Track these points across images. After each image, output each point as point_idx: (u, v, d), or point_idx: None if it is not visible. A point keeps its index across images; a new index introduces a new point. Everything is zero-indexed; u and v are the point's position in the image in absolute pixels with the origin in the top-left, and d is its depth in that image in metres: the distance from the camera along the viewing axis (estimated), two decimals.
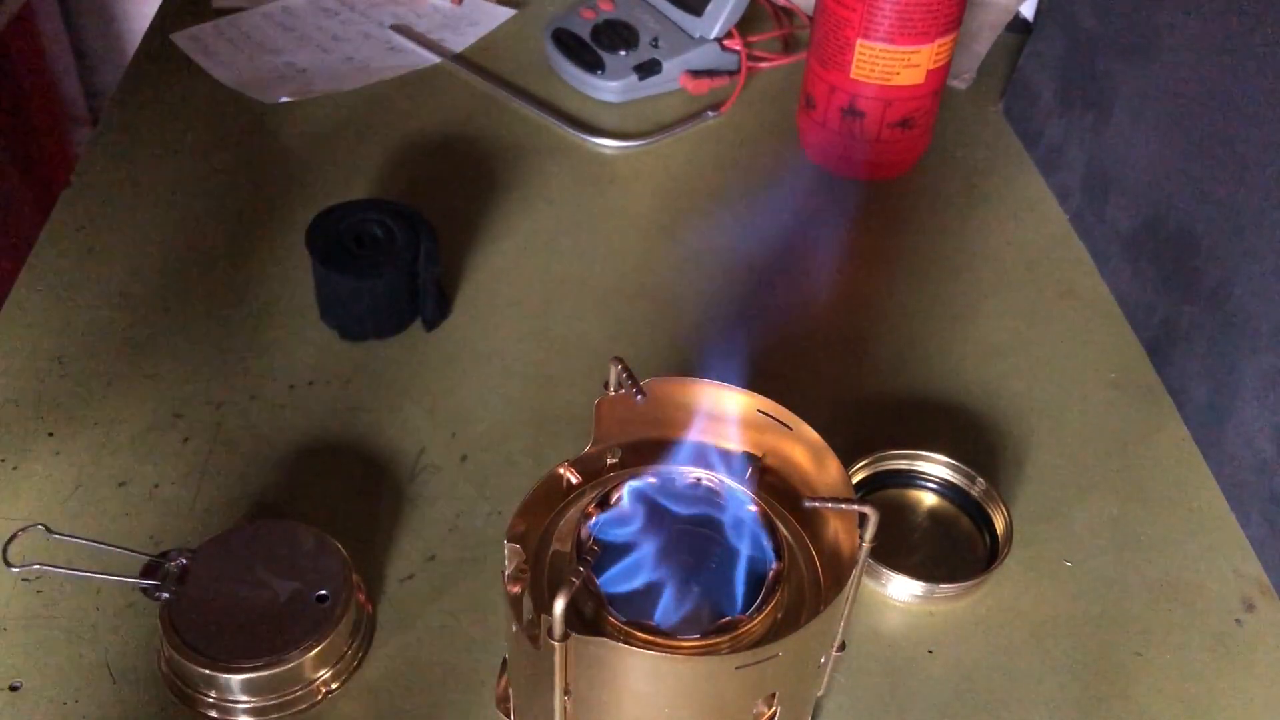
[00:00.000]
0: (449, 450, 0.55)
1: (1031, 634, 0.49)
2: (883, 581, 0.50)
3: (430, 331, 0.61)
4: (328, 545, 0.46)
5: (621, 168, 0.75)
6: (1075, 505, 0.54)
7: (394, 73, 0.82)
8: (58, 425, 0.54)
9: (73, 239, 0.65)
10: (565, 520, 0.39)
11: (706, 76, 0.81)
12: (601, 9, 0.83)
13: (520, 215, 0.70)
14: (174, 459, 0.53)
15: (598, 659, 0.33)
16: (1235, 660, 0.49)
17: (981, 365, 0.62)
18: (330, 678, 0.45)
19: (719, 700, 0.34)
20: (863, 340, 0.63)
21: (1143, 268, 0.64)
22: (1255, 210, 0.55)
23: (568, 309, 0.64)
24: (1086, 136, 0.71)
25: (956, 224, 0.72)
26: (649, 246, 0.68)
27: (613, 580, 0.35)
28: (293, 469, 0.53)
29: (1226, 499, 0.55)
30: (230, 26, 0.86)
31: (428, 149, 0.75)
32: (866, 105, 0.71)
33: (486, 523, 0.52)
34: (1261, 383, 0.53)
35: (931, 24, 0.67)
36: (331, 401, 0.57)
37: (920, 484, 0.54)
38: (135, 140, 0.74)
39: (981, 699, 0.47)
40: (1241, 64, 0.57)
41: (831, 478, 0.38)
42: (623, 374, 0.38)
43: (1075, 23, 0.73)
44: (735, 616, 0.35)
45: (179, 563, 0.45)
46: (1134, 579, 0.51)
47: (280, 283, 0.63)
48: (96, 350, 0.58)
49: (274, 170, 0.72)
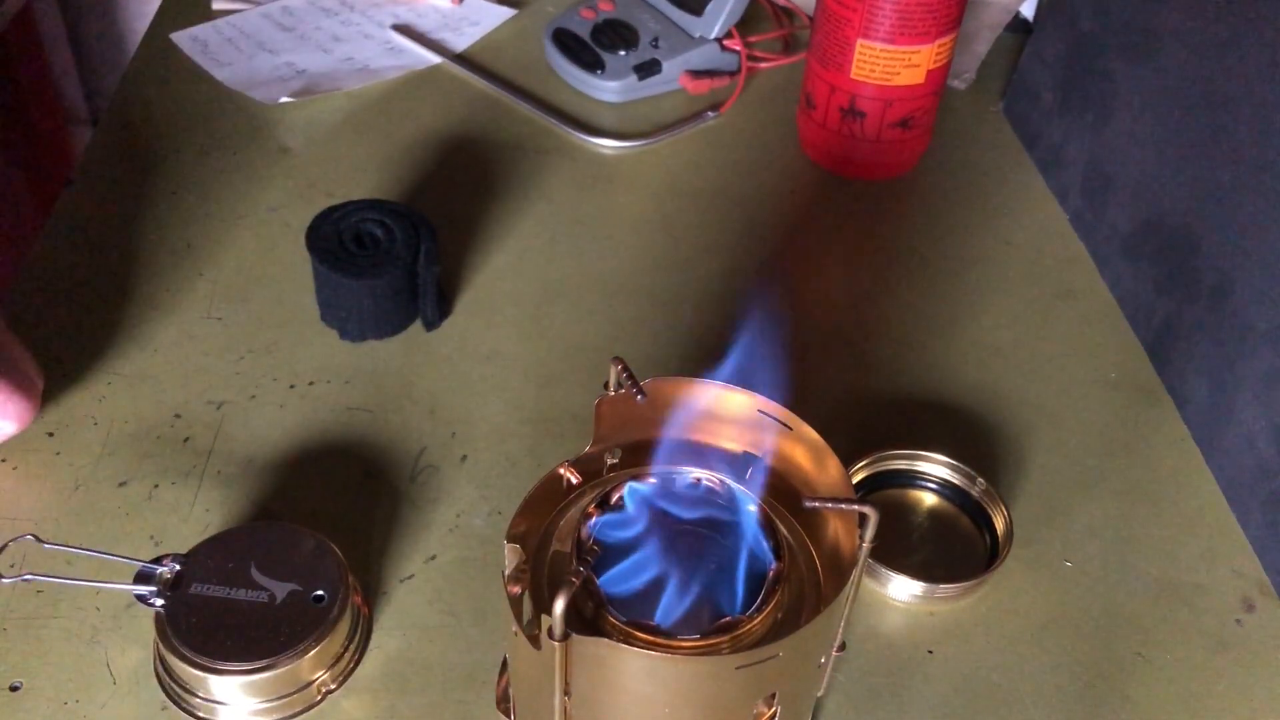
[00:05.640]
0: (449, 450, 0.55)
1: (1031, 634, 0.49)
2: (883, 581, 0.50)
3: (430, 331, 0.61)
4: (323, 546, 0.46)
5: (621, 168, 0.75)
6: (1075, 505, 0.54)
7: (394, 73, 0.82)
8: (58, 425, 0.54)
9: (73, 239, 0.65)
10: (565, 520, 0.39)
11: (706, 76, 0.81)
12: (601, 9, 0.83)
13: (520, 215, 0.70)
14: (174, 459, 0.53)
15: (598, 659, 0.33)
16: (1235, 660, 0.49)
17: (981, 365, 0.62)
18: (328, 679, 0.45)
19: (719, 700, 0.34)
20: (863, 340, 0.63)
21: (1143, 268, 0.64)
22: (1255, 210, 0.55)
23: (568, 309, 0.64)
24: (1086, 136, 0.71)
25: (956, 224, 0.72)
26: (649, 246, 0.68)
27: (613, 580, 0.35)
28: (293, 469, 0.53)
29: (1226, 499, 0.55)
30: (230, 26, 0.86)
31: (428, 149, 0.75)
32: (866, 105, 0.71)
33: (486, 523, 0.52)
34: (1261, 383, 0.53)
35: (931, 24, 0.67)
36: (331, 401, 0.57)
37: (920, 484, 0.54)
38: (135, 140, 0.74)
39: (981, 699, 0.47)
40: (1241, 64, 0.57)
41: (831, 478, 0.38)
42: (623, 374, 0.38)
43: (1075, 23, 0.73)
44: (735, 616, 0.35)
45: (171, 568, 0.45)
46: (1134, 579, 0.51)
47: (280, 283, 0.63)
48: (96, 349, 0.58)
49: (274, 170, 0.72)
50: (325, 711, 0.44)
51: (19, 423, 0.51)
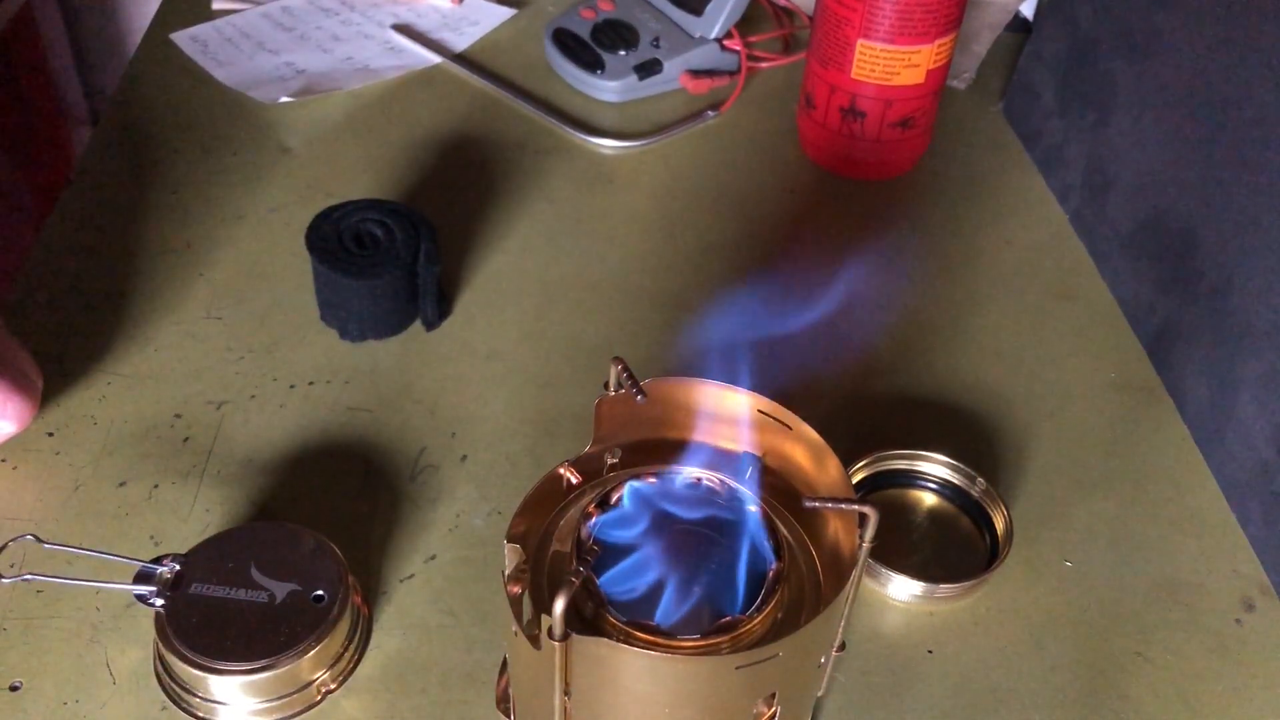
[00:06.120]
0: (449, 450, 0.55)
1: (1031, 634, 0.49)
2: (883, 581, 0.50)
3: (430, 331, 0.61)
4: (323, 546, 0.46)
5: (621, 168, 0.75)
6: (1075, 505, 0.54)
7: (394, 73, 0.82)
8: (58, 425, 0.54)
9: (73, 239, 0.65)
10: (565, 520, 0.39)
11: (706, 76, 0.81)
12: (601, 9, 0.83)
13: (520, 215, 0.70)
14: (174, 459, 0.53)
15: (598, 659, 0.33)
16: (1235, 660, 0.49)
17: (981, 365, 0.62)
18: (328, 679, 0.45)
19: (719, 700, 0.34)
20: (863, 340, 0.63)
21: (1143, 268, 0.64)
22: (1255, 210, 0.55)
23: (568, 309, 0.64)
24: (1086, 136, 0.71)
25: (956, 224, 0.72)
26: (649, 246, 0.68)
27: (613, 580, 0.35)
28: (293, 469, 0.53)
29: (1226, 499, 0.55)
30: (230, 26, 0.86)
31: (428, 149, 0.75)
32: (866, 105, 0.71)
33: (486, 523, 0.52)
34: (1261, 383, 0.53)
35: (931, 24, 0.67)
36: (331, 401, 0.57)
37: (920, 484, 0.54)
38: (135, 140, 0.74)
39: (981, 699, 0.47)
40: (1241, 64, 0.57)
41: (831, 478, 0.38)
42: (623, 374, 0.38)
43: (1075, 23, 0.73)
44: (735, 616, 0.35)
45: (171, 568, 0.45)
46: (1134, 579, 0.51)
47: (280, 283, 0.63)
48: (96, 350, 0.58)
49: (274, 170, 0.72)
50: (325, 711, 0.44)
51: (19, 422, 0.51)
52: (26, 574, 0.46)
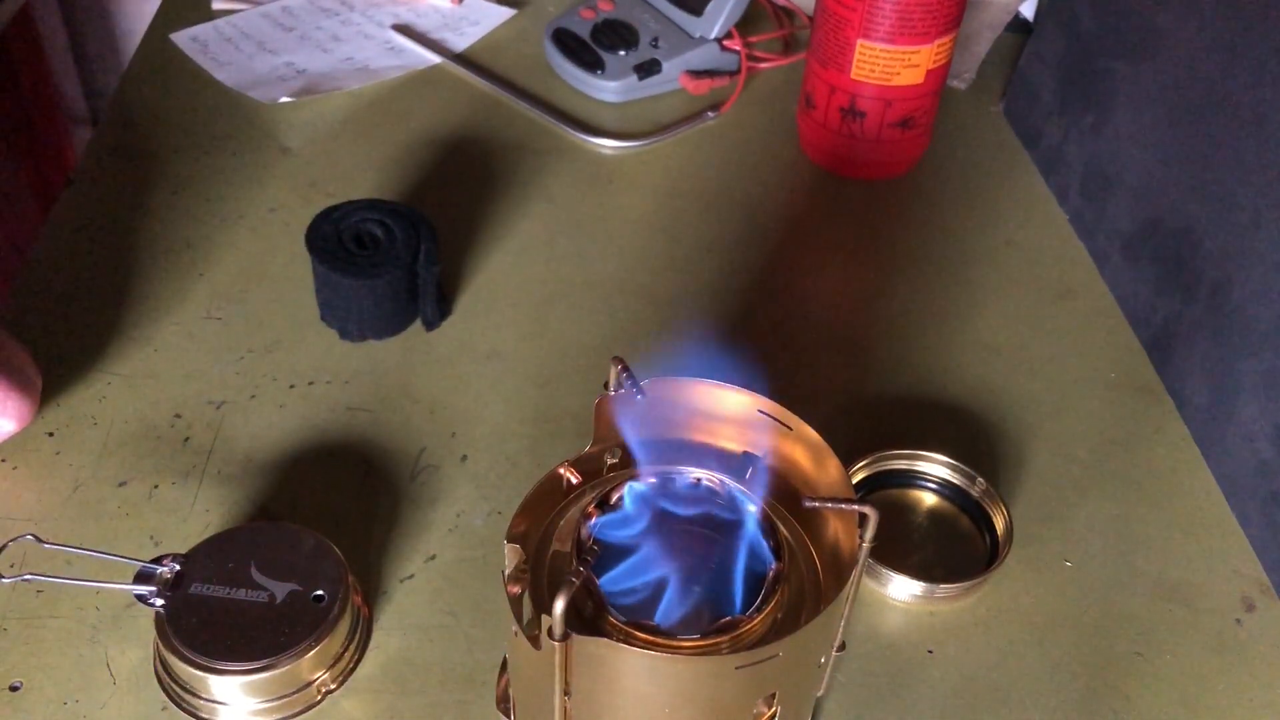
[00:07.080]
0: (449, 450, 0.55)
1: (1031, 634, 0.49)
2: (883, 581, 0.50)
3: (430, 331, 0.61)
4: (323, 546, 0.46)
5: (621, 168, 0.75)
6: (1075, 505, 0.54)
7: (394, 73, 0.82)
8: (58, 425, 0.54)
9: (73, 239, 0.65)
10: (565, 520, 0.39)
11: (706, 76, 0.81)
12: (601, 9, 0.83)
13: (520, 215, 0.70)
14: (174, 459, 0.53)
15: (598, 659, 0.33)
16: (1235, 660, 0.48)
17: (981, 365, 0.62)
18: (328, 679, 0.45)
19: (719, 700, 0.34)
20: (863, 340, 0.63)
21: (1143, 268, 0.64)
22: (1255, 210, 0.55)
23: (568, 309, 0.64)
24: (1086, 136, 0.71)
25: (956, 224, 0.72)
26: (649, 246, 0.68)
27: (613, 580, 0.35)
28: (293, 469, 0.53)
29: (1226, 499, 0.55)
30: (230, 26, 0.86)
31: (428, 149, 0.75)
32: (866, 105, 0.71)
33: (486, 523, 0.52)
34: (1261, 383, 0.53)
35: (931, 24, 0.67)
36: (331, 401, 0.57)
37: (920, 484, 0.54)
38: (135, 140, 0.74)
39: (981, 699, 0.47)
40: (1241, 64, 0.57)
41: (831, 478, 0.38)
42: (623, 374, 0.38)
43: (1075, 23, 0.73)
44: (735, 616, 0.35)
45: (171, 568, 0.45)
46: (1134, 579, 0.51)
47: (280, 283, 0.63)
48: (96, 350, 0.58)
49: (274, 170, 0.72)
50: (325, 711, 0.44)
51: (19, 422, 0.51)
52: (26, 574, 0.46)
